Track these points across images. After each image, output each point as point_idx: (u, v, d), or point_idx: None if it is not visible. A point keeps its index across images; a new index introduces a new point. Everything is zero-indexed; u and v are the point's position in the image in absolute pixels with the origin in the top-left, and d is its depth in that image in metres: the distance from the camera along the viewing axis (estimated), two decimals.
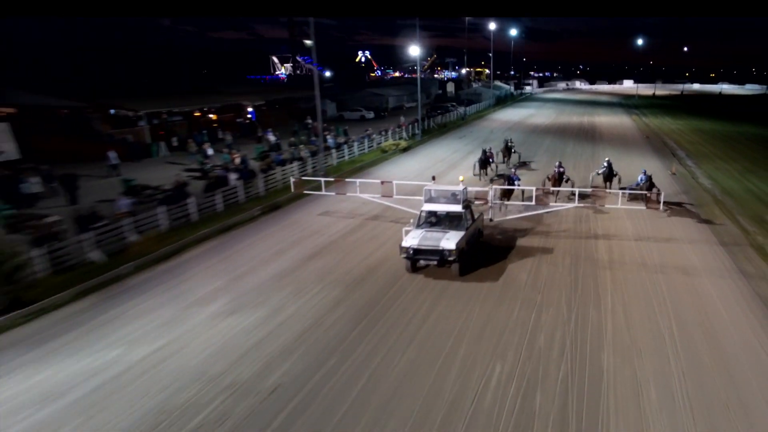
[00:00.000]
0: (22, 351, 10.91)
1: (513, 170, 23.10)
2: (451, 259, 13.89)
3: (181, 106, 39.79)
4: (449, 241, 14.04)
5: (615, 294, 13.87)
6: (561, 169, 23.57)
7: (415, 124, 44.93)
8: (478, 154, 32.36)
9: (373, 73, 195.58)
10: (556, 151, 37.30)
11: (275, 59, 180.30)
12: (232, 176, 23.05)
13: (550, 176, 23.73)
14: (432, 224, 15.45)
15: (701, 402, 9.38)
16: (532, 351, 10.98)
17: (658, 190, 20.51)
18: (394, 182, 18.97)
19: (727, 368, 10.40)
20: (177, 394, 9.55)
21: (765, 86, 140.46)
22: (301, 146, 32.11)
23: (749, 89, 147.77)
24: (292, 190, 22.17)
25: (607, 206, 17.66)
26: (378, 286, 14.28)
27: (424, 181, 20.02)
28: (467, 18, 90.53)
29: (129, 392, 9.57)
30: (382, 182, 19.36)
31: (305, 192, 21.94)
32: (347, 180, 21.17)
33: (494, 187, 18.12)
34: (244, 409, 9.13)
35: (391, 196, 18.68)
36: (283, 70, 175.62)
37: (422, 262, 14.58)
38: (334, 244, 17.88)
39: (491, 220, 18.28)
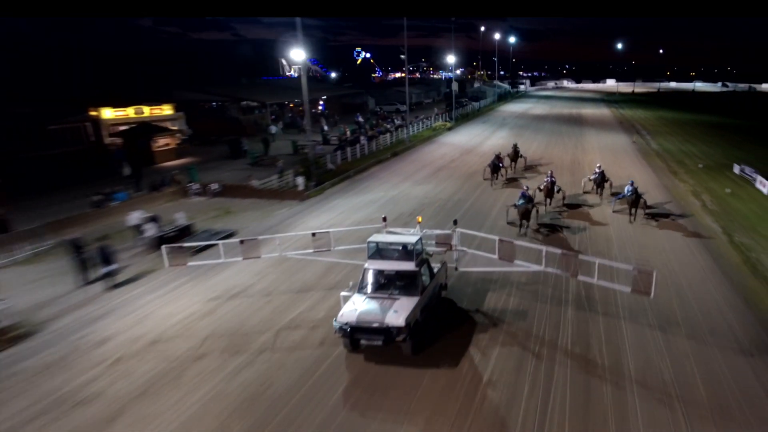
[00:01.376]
0: (343, 192, 25.88)
1: (526, 188, 21.42)
2: (399, 338, 11.03)
3: (284, 99, 54.58)
4: (397, 314, 11.08)
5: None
6: (552, 179, 23.37)
7: (446, 113, 59.98)
8: (501, 132, 47.27)
9: (374, 73, 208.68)
10: (554, 131, 52.35)
11: (284, 61, 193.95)
12: (362, 138, 37.92)
13: (542, 187, 23.24)
14: (378, 286, 12.23)
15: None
16: None
17: (645, 201, 22.02)
18: (331, 231, 14.97)
19: (622, 166, 25.44)
20: (425, 200, 24.48)
21: (720, 83, 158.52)
22: (386, 125, 46.92)
23: (720, 87, 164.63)
24: (167, 265, 14.82)
25: (581, 277, 12.51)
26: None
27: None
28: (454, 18, 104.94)
29: (402, 201, 24.44)
30: (314, 234, 14.81)
31: (190, 264, 15.19)
32: (261, 237, 15.91)
33: (458, 230, 14.24)
34: (451, 202, 24.06)
35: (329, 249, 14.54)
36: (293, 72, 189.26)
37: (364, 342, 11.35)
38: (441, 170, 32.86)
39: (456, 269, 14.50)
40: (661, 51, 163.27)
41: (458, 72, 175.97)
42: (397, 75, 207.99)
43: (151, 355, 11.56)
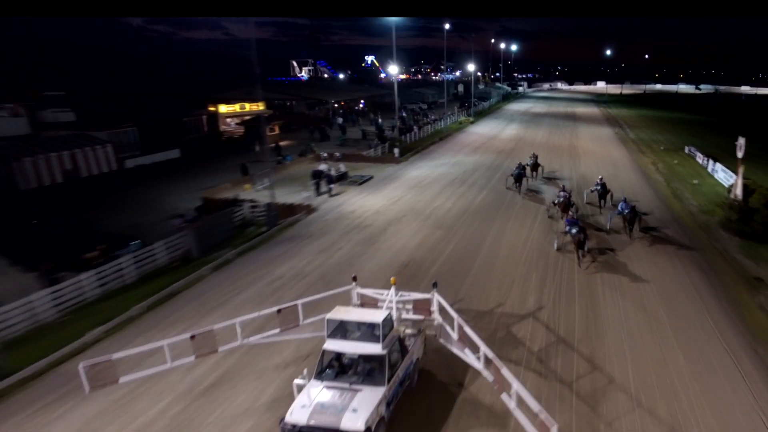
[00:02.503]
0: (421, 159, 39.23)
1: (572, 214, 21.74)
2: None
3: (340, 98, 67.86)
4: (356, 414, 9.41)
5: None
6: (567, 193, 23.93)
7: (465, 111, 73.41)
8: (513, 126, 60.53)
9: (381, 74, 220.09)
10: (553, 125, 65.85)
11: (294, 63, 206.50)
12: (415, 127, 51.24)
13: (557, 202, 23.83)
14: (339, 372, 10.57)
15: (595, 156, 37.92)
16: None
17: (640, 218, 22.30)
18: (300, 303, 12.03)
19: (606, 149, 38.92)
20: (476, 164, 37.79)
21: (694, 86, 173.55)
22: (424, 119, 60.26)
23: (708, 88, 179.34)
24: (87, 390, 10.14)
25: (504, 396, 9.95)
26: None
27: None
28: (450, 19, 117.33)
29: (462, 165, 37.73)
30: (279, 310, 11.83)
31: (122, 380, 10.61)
32: (217, 326, 11.37)
33: (436, 295, 12.13)
34: (494, 165, 37.41)
35: (297, 325, 12.03)
36: (304, 74, 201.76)
37: None
38: (479, 149, 46.26)
39: (437, 336, 12.29)
40: (646, 56, 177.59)
41: (458, 73, 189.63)
42: (402, 77, 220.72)
43: (379, 215, 24.83)
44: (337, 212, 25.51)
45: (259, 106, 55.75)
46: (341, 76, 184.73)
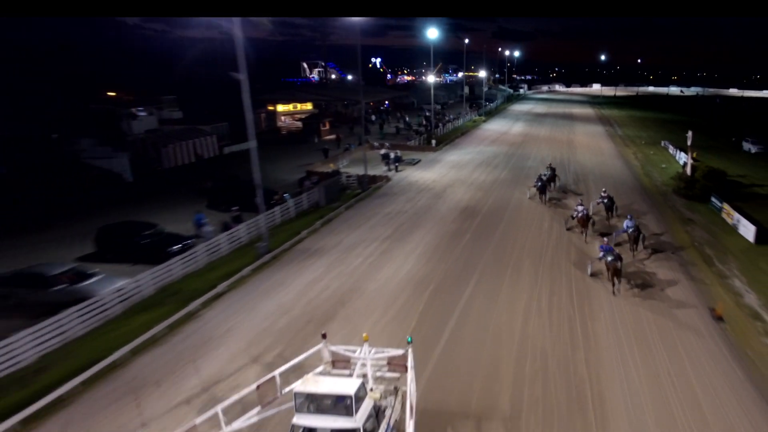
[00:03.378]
0: (451, 148, 50.00)
1: (606, 240, 21.33)
2: None
3: (370, 99, 78.53)
4: None
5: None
6: (584, 207, 24.95)
7: (476, 111, 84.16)
8: (519, 124, 71.38)
9: (387, 76, 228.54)
10: (554, 123, 76.63)
11: (305, 65, 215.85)
12: (440, 124, 61.92)
13: (575, 216, 25.07)
14: None
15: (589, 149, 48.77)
16: None
17: (644, 236, 23.55)
18: (277, 374, 11.27)
19: (597, 142, 49.76)
20: (495, 153, 48.58)
21: (680, 89, 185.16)
22: (444, 118, 71.01)
23: (692, 91, 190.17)
24: None
25: None
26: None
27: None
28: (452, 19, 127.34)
29: (484, 153, 48.49)
30: (258, 386, 11.00)
31: None
32: (198, 420, 10.33)
33: (410, 351, 11.58)
34: (509, 153, 48.22)
35: (276, 397, 11.26)
36: (315, 75, 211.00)
37: None
38: (495, 142, 56.99)
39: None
40: (639, 61, 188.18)
41: (460, 74, 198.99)
42: (407, 78, 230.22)
43: (436, 183, 35.62)
44: (406, 181, 36.28)
45: (307, 106, 66.44)
46: (349, 77, 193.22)
